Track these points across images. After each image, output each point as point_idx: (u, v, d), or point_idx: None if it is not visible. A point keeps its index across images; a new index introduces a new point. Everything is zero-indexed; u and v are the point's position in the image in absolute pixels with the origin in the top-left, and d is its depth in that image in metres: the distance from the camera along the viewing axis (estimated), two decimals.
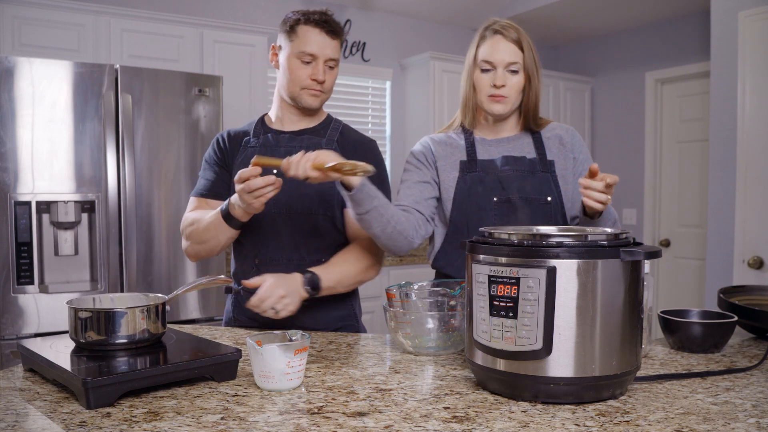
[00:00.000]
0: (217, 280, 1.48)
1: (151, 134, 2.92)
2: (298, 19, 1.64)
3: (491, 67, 1.59)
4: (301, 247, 1.67)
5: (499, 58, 1.58)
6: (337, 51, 1.66)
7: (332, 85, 1.69)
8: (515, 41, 1.59)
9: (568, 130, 1.72)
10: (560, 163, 1.65)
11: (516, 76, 1.59)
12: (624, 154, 4.99)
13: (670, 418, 0.96)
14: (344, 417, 0.96)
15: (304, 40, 1.62)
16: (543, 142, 1.67)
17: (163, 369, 1.08)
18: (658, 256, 1.04)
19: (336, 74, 1.69)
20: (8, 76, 2.62)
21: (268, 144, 1.69)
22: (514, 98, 1.61)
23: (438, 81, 4.44)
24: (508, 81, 1.59)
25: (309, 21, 1.62)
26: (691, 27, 4.55)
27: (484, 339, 1.06)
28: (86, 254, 2.81)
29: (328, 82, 1.66)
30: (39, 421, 0.94)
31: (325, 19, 1.63)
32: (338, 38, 1.65)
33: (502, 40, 1.59)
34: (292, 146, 1.68)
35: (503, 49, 1.58)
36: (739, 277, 3.17)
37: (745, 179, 3.17)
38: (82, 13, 3.22)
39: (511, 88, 1.59)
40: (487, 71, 1.60)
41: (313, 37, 1.62)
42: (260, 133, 1.72)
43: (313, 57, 1.62)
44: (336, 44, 1.65)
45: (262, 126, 1.75)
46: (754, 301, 1.62)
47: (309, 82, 1.63)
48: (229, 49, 3.63)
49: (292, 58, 1.64)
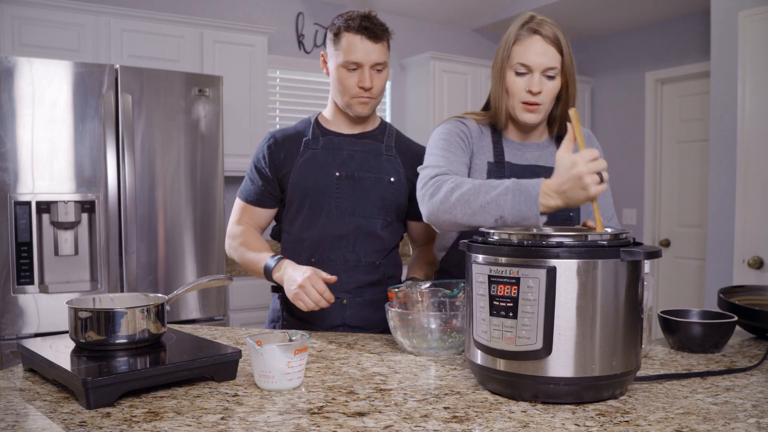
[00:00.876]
0: (218, 280, 1.49)
1: (151, 134, 2.92)
2: (340, 26, 1.63)
3: (527, 71, 1.45)
4: (359, 249, 1.69)
5: (537, 63, 1.43)
6: (383, 54, 1.65)
7: (382, 88, 1.69)
8: (554, 42, 1.44)
9: (590, 138, 1.63)
10: None
11: (552, 81, 1.46)
12: (624, 154, 4.98)
13: (670, 418, 0.96)
14: (344, 417, 0.96)
15: (348, 48, 1.61)
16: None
17: (163, 369, 1.08)
18: (658, 256, 1.03)
19: (386, 76, 1.68)
20: (8, 76, 2.62)
21: (331, 146, 1.71)
22: (547, 105, 1.49)
23: (438, 81, 4.43)
24: (544, 87, 1.45)
25: (350, 28, 1.61)
26: (691, 27, 4.55)
27: (484, 339, 1.06)
28: (86, 254, 2.81)
29: (376, 86, 1.66)
30: (39, 421, 0.94)
31: (365, 25, 1.62)
32: (383, 40, 1.65)
33: (540, 41, 1.43)
34: (354, 150, 1.72)
35: (541, 51, 1.43)
36: (739, 277, 3.17)
37: (745, 179, 3.17)
38: (82, 13, 3.22)
39: (547, 94, 1.46)
40: (522, 75, 1.46)
41: (357, 44, 1.61)
42: (319, 135, 1.73)
43: (358, 65, 1.62)
44: (380, 47, 1.64)
45: (318, 127, 1.75)
46: (754, 301, 1.62)
47: (357, 91, 1.64)
48: (229, 49, 3.63)
49: (339, 68, 1.64)
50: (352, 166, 1.70)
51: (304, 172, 1.69)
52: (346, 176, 1.69)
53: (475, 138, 1.55)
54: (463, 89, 4.53)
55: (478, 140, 1.55)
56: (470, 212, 1.26)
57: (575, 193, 1.15)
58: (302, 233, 1.70)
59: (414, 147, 1.80)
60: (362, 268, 1.70)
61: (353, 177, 1.69)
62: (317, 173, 1.68)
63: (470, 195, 1.26)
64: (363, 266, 1.70)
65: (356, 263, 1.70)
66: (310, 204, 1.68)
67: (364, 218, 1.69)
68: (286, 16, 4.25)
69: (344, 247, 1.69)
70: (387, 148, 1.75)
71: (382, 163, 1.73)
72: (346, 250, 1.69)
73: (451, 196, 1.29)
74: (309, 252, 1.70)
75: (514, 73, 1.46)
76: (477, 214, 1.25)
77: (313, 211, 1.69)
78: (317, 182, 1.68)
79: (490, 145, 1.55)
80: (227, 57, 3.62)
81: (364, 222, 1.69)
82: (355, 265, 1.69)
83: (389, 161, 1.74)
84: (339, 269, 1.67)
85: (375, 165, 1.72)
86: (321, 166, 1.69)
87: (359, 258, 1.70)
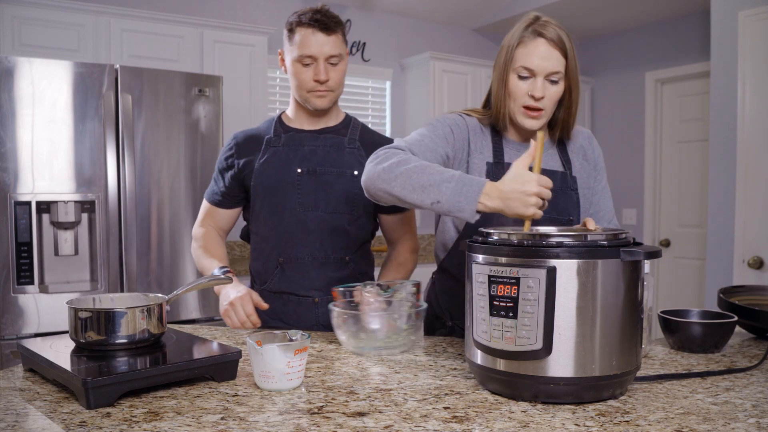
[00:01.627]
0: (218, 280, 1.49)
1: (151, 134, 2.92)
2: (293, 21, 1.64)
3: (530, 75, 1.41)
4: (327, 246, 1.69)
5: (541, 67, 1.40)
6: (337, 46, 1.64)
7: (340, 81, 1.68)
8: (558, 46, 1.40)
9: (590, 138, 1.62)
10: (582, 180, 1.58)
11: (556, 86, 1.42)
12: (624, 154, 4.98)
13: (670, 418, 0.96)
14: (344, 417, 0.96)
15: (301, 42, 1.62)
16: (569, 156, 1.57)
17: (163, 369, 1.08)
18: (658, 256, 1.03)
19: (343, 68, 1.67)
20: (8, 76, 2.62)
21: (292, 143, 1.71)
22: (549, 111, 1.46)
23: (438, 81, 4.43)
24: (547, 92, 1.42)
25: (302, 23, 1.62)
26: (691, 27, 4.55)
27: (484, 339, 1.06)
28: (86, 254, 2.81)
29: (333, 79, 1.65)
30: (39, 421, 0.94)
31: (317, 18, 1.61)
32: (336, 32, 1.64)
33: (545, 44, 1.40)
34: (316, 145, 1.71)
35: (546, 55, 1.39)
36: (739, 277, 3.17)
37: (745, 179, 3.17)
38: (82, 13, 3.22)
39: (549, 99, 1.43)
40: (525, 78, 1.42)
41: (309, 37, 1.61)
42: (281, 132, 1.73)
43: (312, 58, 1.62)
44: (334, 39, 1.63)
45: (281, 125, 1.76)
46: (754, 301, 1.62)
47: (313, 84, 1.64)
48: (229, 49, 3.63)
49: (294, 63, 1.64)
50: (314, 161, 1.69)
51: (266, 170, 1.69)
52: (307, 172, 1.68)
53: (473, 136, 1.52)
54: (463, 89, 4.52)
55: (478, 139, 1.53)
56: (410, 188, 1.25)
57: (516, 205, 1.17)
58: (268, 231, 1.71)
59: (379, 139, 1.77)
60: (331, 265, 1.70)
61: (315, 172, 1.68)
62: (278, 170, 1.68)
63: (414, 172, 1.25)
64: (332, 262, 1.70)
65: (324, 260, 1.69)
66: (273, 201, 1.69)
67: (329, 213, 1.68)
68: (286, 16, 4.22)
69: (311, 244, 1.68)
70: (350, 141, 1.73)
71: (345, 157, 1.71)
72: (313, 247, 1.68)
73: (396, 169, 1.27)
74: (276, 251, 1.70)
75: (517, 76, 1.43)
76: (416, 191, 1.24)
77: (276, 209, 1.69)
78: (279, 179, 1.68)
79: (489, 145, 1.53)
80: (227, 57, 3.62)
81: (329, 217, 1.68)
82: (324, 261, 1.69)
83: (352, 154, 1.72)
84: (307, 266, 1.68)
85: (338, 159, 1.70)
86: (282, 163, 1.69)
87: (327, 254, 1.69)
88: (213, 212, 1.81)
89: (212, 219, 1.82)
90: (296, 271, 1.69)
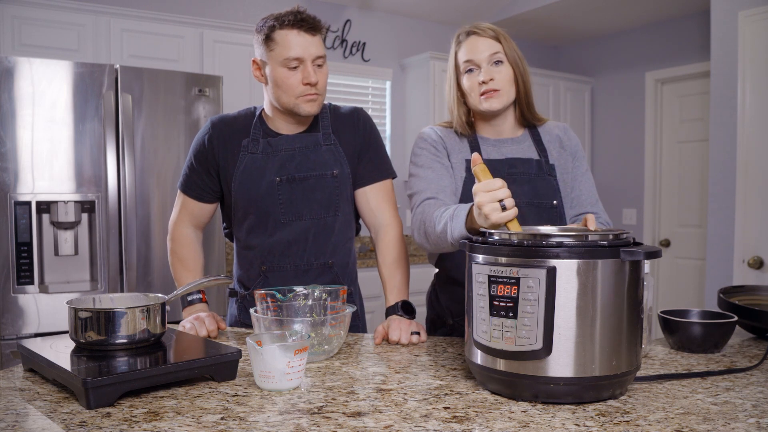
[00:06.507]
0: (218, 280, 1.49)
1: (151, 134, 2.92)
2: (272, 25, 1.55)
3: (475, 66, 1.54)
4: (310, 253, 1.66)
5: (480, 55, 1.53)
6: (321, 47, 1.58)
7: (325, 84, 1.62)
8: (492, 36, 1.55)
9: (565, 129, 1.69)
10: (561, 167, 1.63)
11: (502, 66, 1.54)
12: (624, 154, 4.99)
13: (670, 418, 0.96)
14: (344, 417, 0.96)
15: (285, 45, 1.54)
16: (544, 146, 1.63)
17: (163, 369, 1.08)
18: (658, 256, 1.03)
19: (326, 71, 1.61)
20: (8, 76, 2.62)
21: (269, 150, 1.65)
22: (507, 89, 1.55)
23: (438, 81, 4.43)
24: (496, 74, 1.53)
25: (284, 24, 1.54)
26: (691, 27, 4.55)
27: (484, 339, 1.06)
28: (86, 254, 2.81)
29: (321, 82, 1.59)
30: (39, 421, 0.94)
31: (300, 18, 1.55)
32: (319, 33, 1.58)
33: (479, 38, 1.55)
34: (292, 147, 1.65)
35: (481, 45, 1.54)
36: (739, 277, 3.17)
37: (745, 179, 3.18)
38: (82, 13, 3.23)
39: (501, 79, 1.54)
40: (471, 71, 1.55)
41: (294, 39, 1.54)
42: (259, 137, 1.66)
43: (299, 61, 1.55)
44: (318, 40, 1.57)
45: (261, 125, 1.68)
46: (754, 301, 1.62)
47: (303, 88, 1.56)
48: (229, 49, 3.63)
49: (278, 68, 1.56)
50: (292, 168, 1.63)
51: (245, 180, 1.63)
52: (286, 180, 1.63)
53: (447, 140, 1.62)
54: None
55: (453, 141, 1.62)
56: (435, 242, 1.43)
57: (481, 219, 1.19)
58: (251, 240, 1.67)
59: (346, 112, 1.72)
60: (313, 271, 1.66)
61: (294, 179, 1.63)
62: (258, 180, 1.62)
63: (430, 227, 1.43)
64: (314, 269, 1.66)
65: (307, 267, 1.66)
66: (256, 213, 1.64)
67: (313, 219, 1.64)
68: None
69: (294, 254, 1.65)
70: (325, 137, 1.67)
71: (322, 156, 1.65)
72: (296, 256, 1.65)
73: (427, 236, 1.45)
74: (260, 260, 1.67)
75: (465, 72, 1.56)
76: (441, 240, 1.39)
77: (259, 221, 1.65)
78: (259, 190, 1.62)
79: (466, 145, 1.62)
80: (227, 57, 3.62)
81: (313, 223, 1.65)
82: (306, 269, 1.65)
83: (329, 151, 1.66)
84: (289, 275, 1.65)
85: (315, 159, 1.65)
86: (261, 172, 1.63)
87: (310, 261, 1.66)
88: (191, 206, 1.72)
89: (190, 214, 1.73)
90: (279, 280, 1.65)
